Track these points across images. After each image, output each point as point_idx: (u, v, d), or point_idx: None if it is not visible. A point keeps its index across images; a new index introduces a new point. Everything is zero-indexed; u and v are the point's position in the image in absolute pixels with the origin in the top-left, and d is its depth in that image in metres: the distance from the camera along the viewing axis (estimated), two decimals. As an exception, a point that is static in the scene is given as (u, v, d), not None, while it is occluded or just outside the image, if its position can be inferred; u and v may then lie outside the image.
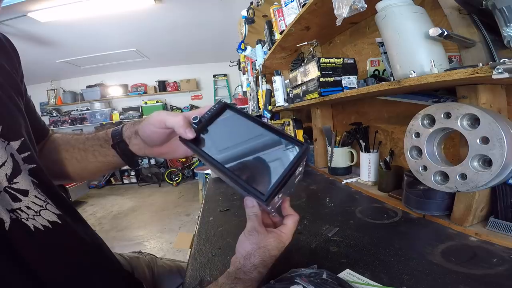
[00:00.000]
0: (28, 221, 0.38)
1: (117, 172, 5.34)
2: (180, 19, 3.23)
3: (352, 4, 0.60)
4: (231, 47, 2.53)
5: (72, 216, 0.47)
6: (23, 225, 0.37)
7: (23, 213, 0.38)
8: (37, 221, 0.39)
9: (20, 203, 0.38)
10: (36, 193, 0.41)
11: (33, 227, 0.38)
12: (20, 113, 0.45)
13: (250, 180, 0.38)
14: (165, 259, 0.78)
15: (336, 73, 0.93)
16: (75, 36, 3.31)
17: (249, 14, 1.71)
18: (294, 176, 0.39)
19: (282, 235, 0.42)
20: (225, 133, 0.44)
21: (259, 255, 0.40)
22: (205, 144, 0.43)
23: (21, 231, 0.37)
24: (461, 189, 0.50)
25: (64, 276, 0.41)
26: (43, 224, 0.40)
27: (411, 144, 0.59)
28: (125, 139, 0.52)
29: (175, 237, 2.44)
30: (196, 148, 0.42)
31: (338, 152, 1.15)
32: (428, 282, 0.45)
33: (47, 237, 0.40)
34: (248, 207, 0.42)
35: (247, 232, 0.42)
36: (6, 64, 0.46)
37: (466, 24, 0.54)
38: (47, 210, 0.41)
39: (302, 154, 0.38)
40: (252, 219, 0.42)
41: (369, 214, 0.76)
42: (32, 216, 0.39)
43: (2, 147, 0.38)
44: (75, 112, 5.36)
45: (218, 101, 0.46)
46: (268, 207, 0.39)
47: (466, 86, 0.55)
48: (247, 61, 2.13)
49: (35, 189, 0.41)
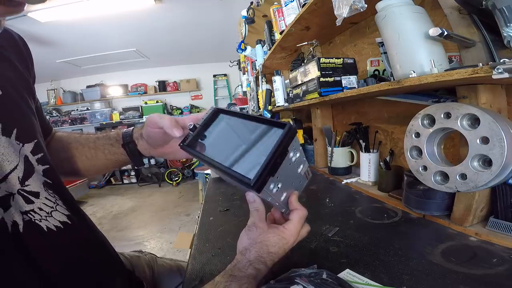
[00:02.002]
0: (41, 222, 0.39)
1: (117, 172, 5.34)
2: (180, 19, 3.22)
3: (352, 4, 0.60)
4: (231, 47, 2.53)
5: (80, 216, 0.48)
6: (37, 226, 0.38)
7: (36, 215, 0.39)
8: (49, 222, 0.40)
9: (33, 205, 0.39)
10: (47, 195, 0.41)
11: (46, 227, 0.39)
12: (32, 114, 0.46)
13: (241, 170, 0.38)
14: (165, 259, 0.78)
15: (336, 73, 0.93)
16: (75, 36, 3.31)
17: (249, 14, 1.71)
18: (288, 161, 0.38)
19: (285, 231, 0.40)
20: (219, 134, 0.47)
21: (255, 251, 0.38)
22: (202, 147, 0.46)
23: (34, 232, 0.38)
24: (461, 189, 0.50)
25: (74, 275, 0.42)
26: (55, 224, 0.41)
27: (411, 144, 0.59)
28: (134, 140, 0.57)
29: (175, 237, 2.44)
30: (193, 151, 0.46)
31: (338, 152, 1.15)
32: (428, 282, 0.45)
33: (59, 237, 0.40)
34: (250, 202, 0.42)
35: (247, 227, 0.41)
36: (19, 64, 0.47)
37: (466, 24, 0.54)
38: (57, 211, 0.42)
39: (286, 135, 0.36)
40: (253, 215, 0.41)
41: (369, 214, 0.76)
42: (44, 217, 0.40)
43: (15, 150, 0.39)
44: (75, 112, 5.36)
45: (210, 107, 0.51)
46: (258, 193, 0.37)
47: (466, 86, 0.55)
48: (247, 61, 2.13)
49: (45, 191, 0.41)
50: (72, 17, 2.82)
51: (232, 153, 0.42)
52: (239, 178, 0.37)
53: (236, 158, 0.41)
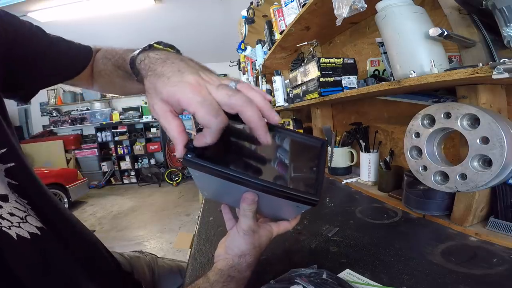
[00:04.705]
0: (10, 229, 0.34)
1: (117, 172, 5.35)
2: (180, 19, 3.23)
3: (352, 4, 0.60)
4: (231, 47, 2.53)
5: (58, 219, 0.44)
6: (4, 234, 0.34)
7: (4, 221, 0.34)
8: (23, 229, 0.35)
9: (1, 210, 0.34)
10: (16, 197, 0.37)
11: (16, 235, 0.34)
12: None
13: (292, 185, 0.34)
14: (166, 259, 0.78)
15: (336, 73, 0.92)
16: (75, 36, 3.25)
17: (249, 14, 1.71)
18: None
19: (273, 228, 0.42)
20: (228, 144, 0.37)
21: (253, 254, 0.39)
22: (216, 160, 0.32)
23: (2, 240, 0.33)
24: (461, 189, 0.50)
25: (50, 283, 0.38)
26: (31, 231, 0.36)
27: (411, 144, 0.59)
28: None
29: (175, 237, 2.44)
30: (210, 165, 0.31)
31: (338, 152, 1.15)
32: (428, 282, 0.45)
33: (32, 244, 0.36)
34: (247, 203, 0.36)
35: (243, 231, 0.39)
36: None
37: (466, 24, 0.54)
38: (31, 215, 0.38)
39: (326, 149, 0.38)
40: (248, 217, 0.38)
41: (369, 214, 0.76)
42: (16, 223, 0.35)
43: None
44: (75, 112, 5.36)
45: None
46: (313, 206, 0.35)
47: (466, 86, 0.55)
48: (247, 61, 2.13)
49: (13, 193, 0.36)
50: (72, 17, 2.83)
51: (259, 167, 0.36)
52: (296, 198, 0.33)
53: (269, 173, 0.35)
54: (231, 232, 0.42)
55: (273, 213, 0.44)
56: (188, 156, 0.30)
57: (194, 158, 0.30)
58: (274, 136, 0.38)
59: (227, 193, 0.40)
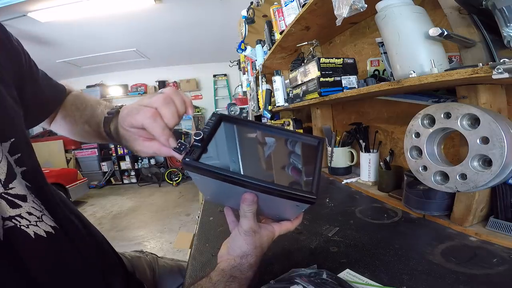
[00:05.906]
0: (28, 228, 0.36)
1: (117, 172, 5.34)
2: (180, 19, 3.23)
3: (352, 4, 0.60)
4: (231, 47, 2.53)
5: (71, 218, 0.46)
6: (22, 233, 0.35)
7: (23, 220, 0.36)
8: (40, 228, 0.37)
9: (20, 209, 0.36)
10: (33, 198, 0.39)
11: (34, 234, 0.36)
12: (12, 106, 0.40)
13: (288, 185, 0.35)
14: (166, 259, 0.78)
15: (336, 73, 0.93)
16: (75, 36, 3.31)
17: (249, 14, 1.71)
18: None
19: (275, 228, 0.43)
20: (226, 145, 0.38)
21: (255, 255, 0.40)
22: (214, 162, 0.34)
23: (20, 238, 0.35)
24: (461, 189, 0.50)
25: (63, 282, 0.39)
26: (46, 230, 0.38)
27: (411, 144, 0.59)
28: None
29: (175, 237, 2.44)
30: (209, 168, 0.32)
31: (338, 152, 1.15)
32: (428, 282, 0.45)
33: (48, 243, 0.38)
34: (247, 204, 0.38)
35: (243, 231, 0.40)
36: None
37: (466, 24, 0.54)
38: (45, 215, 0.39)
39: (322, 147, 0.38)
40: (249, 217, 0.39)
41: (369, 214, 0.76)
42: (34, 222, 0.37)
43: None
44: (75, 112, 5.36)
45: (213, 113, 0.41)
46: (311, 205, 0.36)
47: (466, 86, 0.55)
48: (247, 61, 2.13)
49: (30, 194, 0.38)
50: (72, 17, 2.83)
51: (258, 167, 0.37)
52: (293, 196, 0.34)
53: (266, 173, 0.37)
54: (233, 233, 0.42)
55: (274, 213, 0.44)
56: (186, 160, 0.32)
57: (192, 161, 0.32)
58: (272, 137, 0.39)
59: (227, 195, 0.41)
